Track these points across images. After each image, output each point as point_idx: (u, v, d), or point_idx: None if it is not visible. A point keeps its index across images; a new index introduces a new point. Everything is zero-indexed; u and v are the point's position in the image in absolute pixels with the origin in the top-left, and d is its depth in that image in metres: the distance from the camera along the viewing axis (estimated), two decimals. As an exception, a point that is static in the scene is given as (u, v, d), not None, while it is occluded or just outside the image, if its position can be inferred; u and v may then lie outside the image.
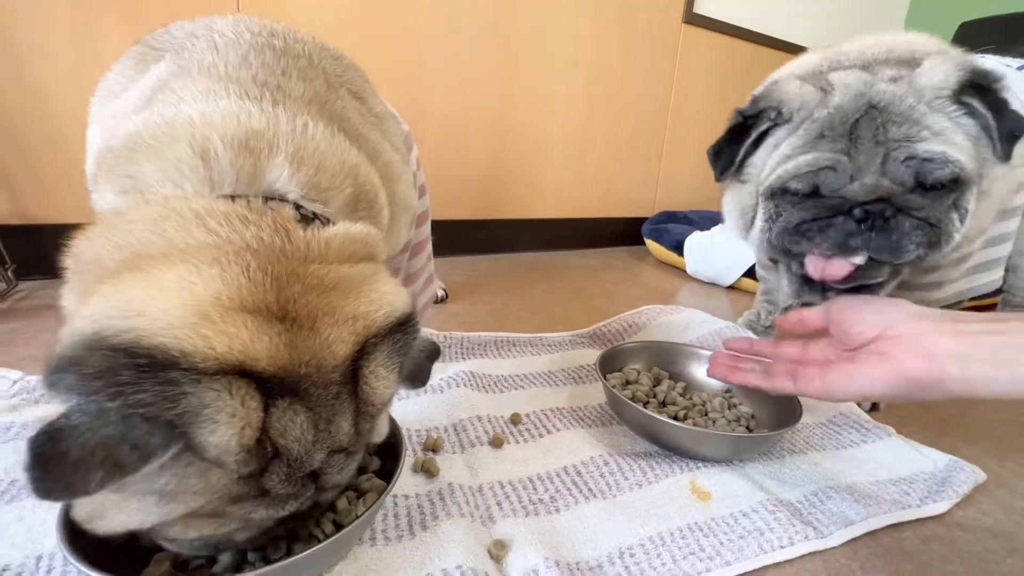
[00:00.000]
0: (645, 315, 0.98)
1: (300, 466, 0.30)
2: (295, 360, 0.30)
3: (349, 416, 0.32)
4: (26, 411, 0.58)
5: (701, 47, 1.85)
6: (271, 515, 0.31)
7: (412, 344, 0.36)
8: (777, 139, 0.54)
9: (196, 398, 0.26)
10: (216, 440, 0.26)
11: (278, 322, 0.30)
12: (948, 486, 0.57)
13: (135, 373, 0.25)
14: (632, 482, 0.54)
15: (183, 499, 0.28)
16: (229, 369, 0.27)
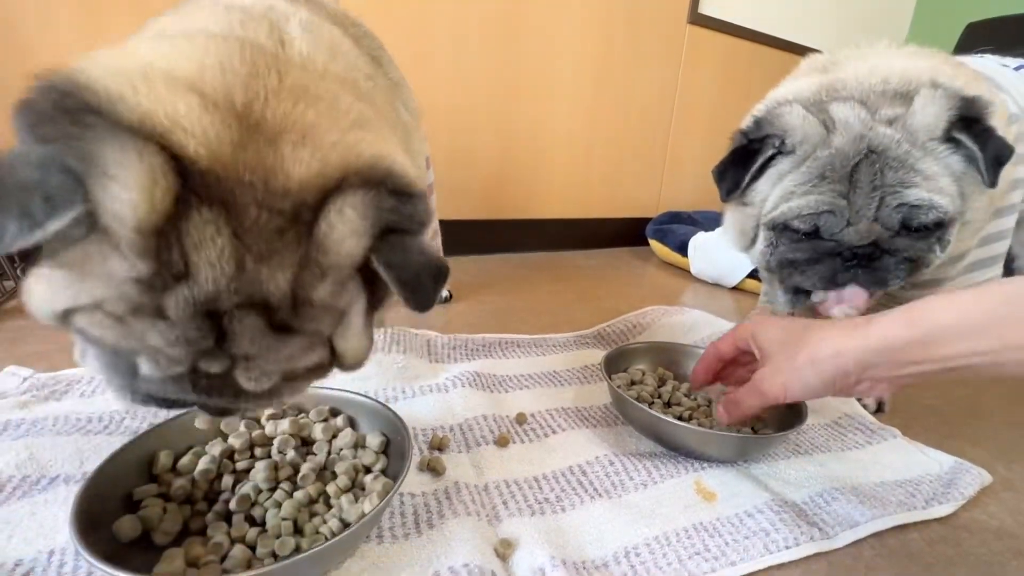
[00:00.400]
0: (649, 316, 0.99)
1: (205, 298, 0.26)
2: (237, 162, 0.26)
3: (289, 267, 0.27)
4: (36, 408, 0.58)
5: (706, 47, 1.84)
6: (166, 347, 0.27)
7: (406, 219, 0.30)
8: (780, 171, 0.56)
9: (103, 146, 0.23)
10: (111, 202, 0.23)
11: (234, 118, 0.27)
12: (954, 488, 0.57)
13: (57, 110, 0.24)
14: (637, 482, 0.55)
15: (88, 284, 0.26)
16: (149, 133, 0.24)
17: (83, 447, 0.51)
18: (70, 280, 0.26)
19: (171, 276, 0.25)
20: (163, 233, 0.25)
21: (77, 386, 0.64)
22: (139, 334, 0.27)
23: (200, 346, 0.27)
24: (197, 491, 0.44)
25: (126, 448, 0.44)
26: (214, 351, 0.28)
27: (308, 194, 0.28)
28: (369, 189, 0.29)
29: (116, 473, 0.42)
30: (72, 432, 0.54)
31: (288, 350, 0.29)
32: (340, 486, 0.46)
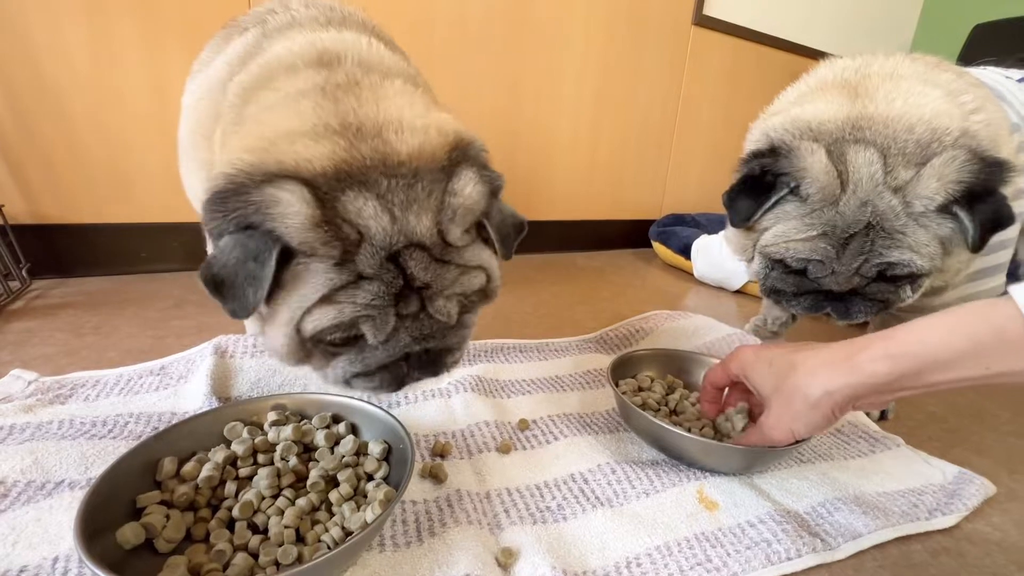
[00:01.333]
0: (652, 320, 0.98)
1: (381, 245, 0.37)
2: (355, 157, 0.37)
3: (429, 212, 0.39)
4: (41, 412, 0.58)
5: (711, 49, 1.84)
6: (375, 298, 0.38)
7: (497, 184, 0.43)
8: (787, 211, 0.58)
9: (262, 196, 0.35)
10: (289, 222, 0.34)
11: (336, 135, 0.38)
12: (957, 499, 0.57)
13: (228, 199, 0.36)
14: (639, 490, 0.55)
15: (303, 291, 0.37)
16: (284, 175, 0.36)
17: (88, 452, 0.51)
18: (289, 300, 0.38)
19: (354, 244, 0.36)
20: (328, 222, 0.36)
21: (82, 390, 0.64)
22: (352, 300, 0.37)
23: (395, 286, 0.38)
24: (200, 498, 0.45)
25: (130, 454, 0.44)
26: (404, 291, 0.39)
27: (419, 160, 0.39)
28: (474, 161, 0.42)
29: (120, 480, 0.42)
30: (77, 436, 0.54)
31: (451, 276, 0.41)
32: (342, 494, 0.46)
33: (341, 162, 0.37)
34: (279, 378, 0.67)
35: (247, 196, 0.35)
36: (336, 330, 0.39)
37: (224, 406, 0.53)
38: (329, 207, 0.36)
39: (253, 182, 0.35)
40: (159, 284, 1.09)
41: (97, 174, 1.08)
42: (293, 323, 0.38)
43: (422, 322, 0.41)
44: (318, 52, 0.46)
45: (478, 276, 0.43)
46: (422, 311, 0.41)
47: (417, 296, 0.40)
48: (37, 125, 1.01)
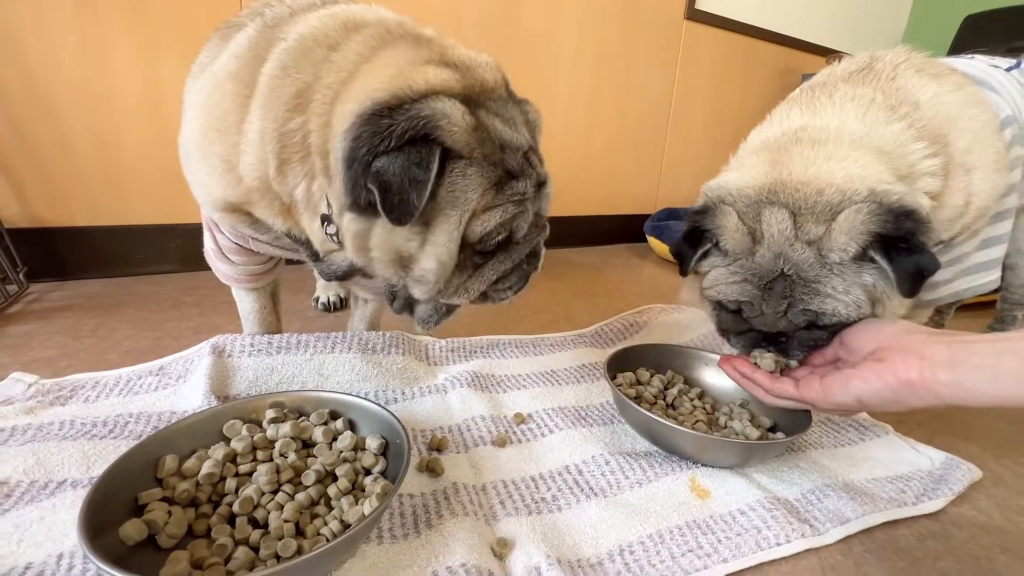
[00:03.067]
0: (646, 314, 0.99)
1: (518, 145, 0.47)
2: (469, 84, 0.46)
3: (524, 124, 0.50)
4: (42, 413, 0.59)
5: (703, 43, 1.84)
6: (524, 192, 0.48)
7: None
8: (714, 261, 0.63)
9: (425, 109, 0.41)
10: (454, 133, 0.42)
11: (448, 67, 0.46)
12: (944, 484, 0.58)
13: (386, 119, 0.41)
14: (632, 480, 0.56)
15: (467, 198, 0.44)
16: (434, 90, 0.43)
17: (89, 451, 0.52)
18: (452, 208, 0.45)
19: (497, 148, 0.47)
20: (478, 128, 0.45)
21: (81, 391, 0.65)
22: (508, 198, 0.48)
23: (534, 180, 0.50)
24: (201, 494, 0.45)
25: (131, 453, 0.45)
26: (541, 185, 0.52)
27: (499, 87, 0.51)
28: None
29: (122, 477, 0.43)
30: (78, 437, 0.55)
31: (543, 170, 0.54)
32: (340, 488, 0.47)
33: (464, 88, 0.45)
34: (276, 376, 0.67)
35: (410, 112, 0.40)
36: (501, 229, 0.47)
37: (223, 405, 0.54)
38: (474, 116, 0.43)
39: (412, 100, 0.41)
40: (156, 286, 1.09)
41: (91, 177, 1.08)
42: (460, 228, 0.45)
43: (540, 216, 0.53)
44: (342, 22, 0.51)
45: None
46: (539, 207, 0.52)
47: (537, 191, 0.50)
48: (30, 129, 1.01)
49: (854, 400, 0.46)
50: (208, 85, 0.56)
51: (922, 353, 0.43)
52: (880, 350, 0.47)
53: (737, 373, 0.60)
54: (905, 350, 0.44)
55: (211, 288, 1.05)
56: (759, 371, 0.58)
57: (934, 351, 0.42)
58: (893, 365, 0.44)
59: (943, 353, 0.41)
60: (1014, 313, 0.99)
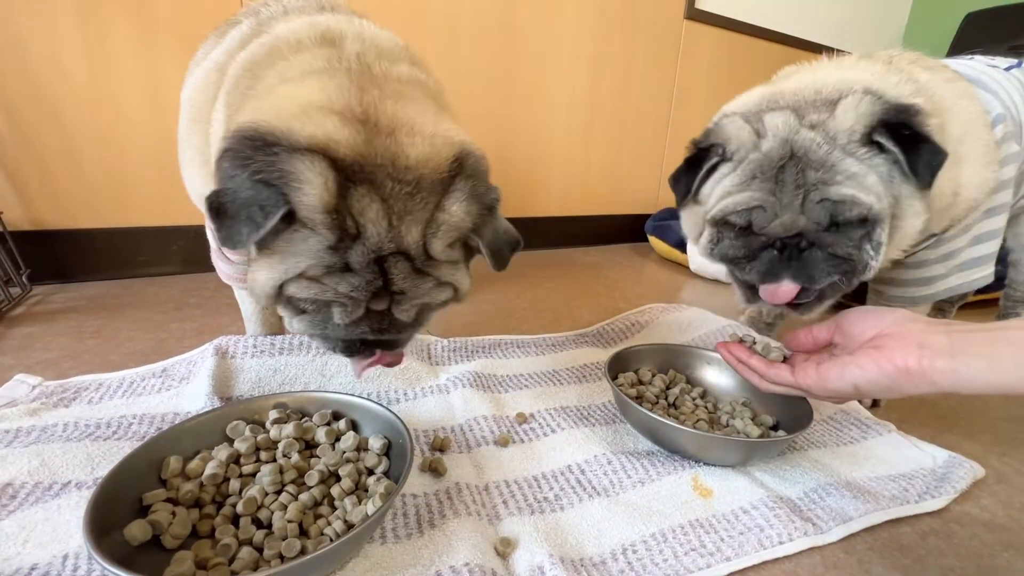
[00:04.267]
0: (648, 314, 0.99)
1: (374, 248, 0.39)
2: (372, 152, 0.39)
3: (419, 224, 0.40)
4: (46, 415, 0.59)
5: (703, 43, 1.84)
6: (354, 291, 0.40)
7: (493, 200, 0.44)
8: (721, 174, 0.62)
9: (290, 166, 0.36)
10: (305, 199, 0.36)
11: (359, 123, 0.40)
12: (947, 482, 0.58)
13: (254, 151, 0.37)
14: (635, 479, 0.56)
15: (294, 259, 0.39)
16: (315, 148, 0.37)
17: (93, 453, 0.52)
18: (280, 260, 0.39)
19: (350, 238, 0.38)
20: (338, 211, 0.37)
21: (85, 393, 0.65)
22: (334, 287, 0.40)
23: (374, 286, 0.40)
24: (205, 495, 0.46)
25: (135, 454, 0.45)
26: (380, 291, 0.41)
27: (423, 169, 0.40)
28: (472, 177, 0.42)
29: (126, 478, 0.43)
30: (82, 438, 0.55)
31: (425, 287, 0.43)
32: (344, 488, 0.47)
33: (358, 154, 0.38)
34: (279, 377, 0.68)
35: (276, 159, 0.36)
36: (311, 304, 0.42)
37: (227, 405, 0.54)
38: (342, 195, 0.37)
39: (285, 148, 0.36)
40: (159, 287, 1.10)
41: (94, 179, 1.08)
42: (277, 280, 0.40)
43: (384, 318, 0.44)
44: (320, 32, 0.49)
45: (446, 291, 0.45)
46: (388, 310, 0.43)
47: (388, 297, 0.42)
48: (34, 132, 1.01)
49: (850, 387, 0.46)
50: (198, 79, 0.58)
51: (921, 341, 0.43)
52: (878, 337, 0.46)
53: (733, 358, 0.59)
54: (903, 338, 0.44)
55: (213, 289, 1.06)
56: (755, 356, 0.57)
57: (933, 339, 0.42)
58: (891, 353, 0.44)
59: (942, 341, 0.41)
60: (1017, 311, 0.99)
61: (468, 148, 0.43)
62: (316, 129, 0.37)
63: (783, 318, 0.99)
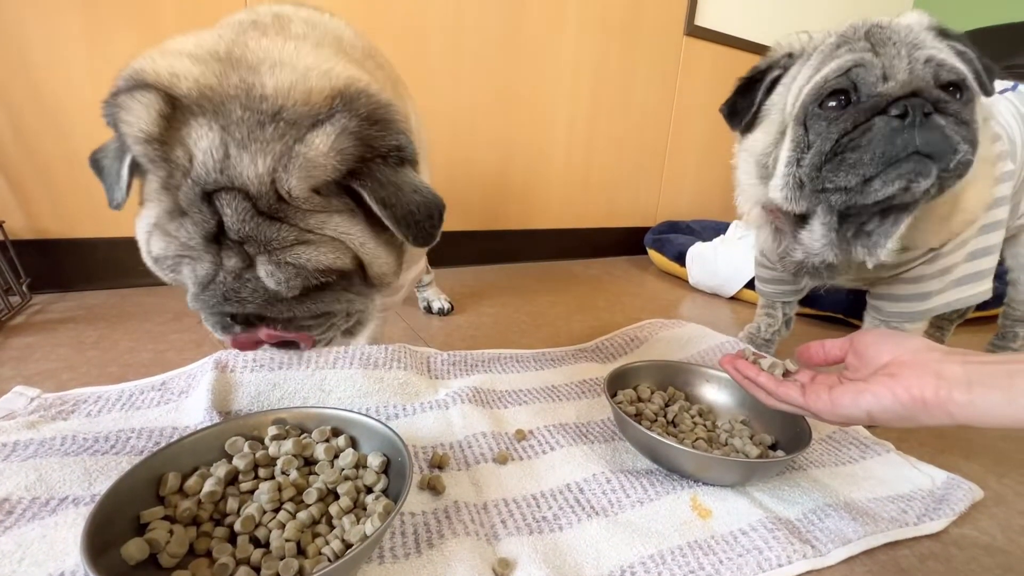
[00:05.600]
0: (647, 329, 1.00)
1: (200, 181, 0.34)
2: (223, 84, 0.36)
3: (267, 156, 0.34)
4: (44, 428, 0.59)
5: (702, 59, 1.87)
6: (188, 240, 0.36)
7: (391, 148, 0.37)
8: (794, 73, 0.56)
9: (125, 101, 0.35)
10: (127, 129, 0.34)
11: (217, 62, 0.37)
12: (946, 504, 0.58)
13: (112, 97, 0.36)
14: (634, 499, 0.56)
15: (149, 210, 0.37)
16: (154, 84, 0.35)
17: (91, 467, 0.52)
18: (144, 213, 0.37)
19: (181, 172, 0.34)
20: (166, 141, 0.34)
21: (84, 405, 0.65)
22: (175, 235, 0.35)
23: (204, 229, 0.35)
24: (203, 512, 0.45)
25: (133, 471, 0.45)
26: (223, 240, 0.36)
27: (286, 99, 0.35)
28: (350, 114, 0.36)
29: (124, 496, 0.43)
30: (80, 452, 0.55)
31: (284, 237, 0.36)
32: (342, 507, 0.47)
33: (206, 87, 0.35)
34: (279, 392, 0.68)
35: (115, 98, 0.35)
36: (167, 263, 0.38)
37: (225, 421, 0.54)
38: (175, 128, 0.34)
39: (125, 87, 0.35)
40: (159, 297, 1.10)
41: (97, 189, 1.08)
42: (142, 236, 0.38)
43: (245, 283, 0.37)
44: (276, 10, 0.47)
45: (329, 250, 0.37)
46: (247, 270, 0.36)
47: (239, 251, 0.36)
48: (37, 141, 1.02)
49: (864, 414, 0.45)
50: None
51: (938, 372, 0.42)
52: (893, 364, 0.46)
53: (739, 375, 0.58)
54: (920, 367, 0.43)
55: (213, 300, 1.06)
56: (763, 374, 0.56)
57: (950, 370, 0.41)
58: (907, 382, 0.43)
59: (959, 372, 0.41)
60: (1015, 330, 0.99)
61: (359, 87, 0.37)
62: (162, 67, 0.35)
63: (781, 335, 1.00)
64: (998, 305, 1.03)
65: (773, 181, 0.59)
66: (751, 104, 0.58)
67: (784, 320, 0.97)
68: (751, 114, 0.58)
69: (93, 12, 1.00)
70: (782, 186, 0.58)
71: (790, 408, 0.53)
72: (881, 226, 0.58)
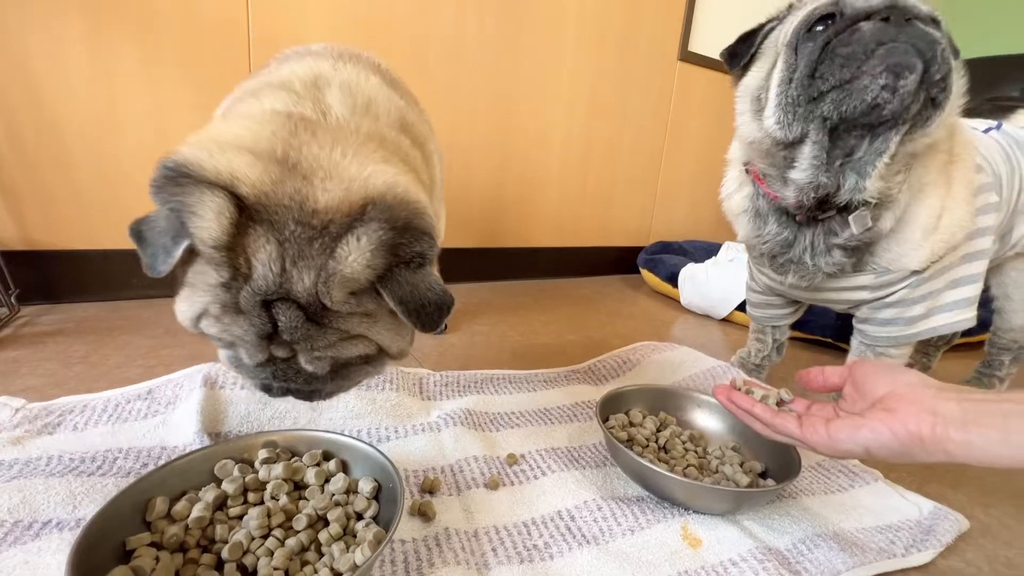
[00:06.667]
0: (639, 352, 1.00)
1: (260, 291, 0.37)
2: (278, 193, 0.37)
3: (312, 270, 0.37)
4: (30, 444, 0.58)
5: (696, 83, 1.90)
6: (244, 335, 0.39)
7: (414, 255, 0.39)
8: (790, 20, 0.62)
9: (191, 198, 0.35)
10: (198, 232, 0.35)
11: (275, 164, 0.38)
12: (932, 535, 0.59)
13: (167, 181, 0.36)
14: (624, 527, 0.56)
15: (199, 294, 0.38)
16: (217, 182, 0.36)
17: (76, 489, 0.51)
18: (192, 293, 0.39)
19: (242, 277, 0.37)
20: (232, 248, 0.36)
21: (70, 416, 0.64)
22: (229, 327, 0.38)
23: (262, 331, 0.38)
24: (190, 538, 0.45)
25: (122, 494, 0.44)
26: (276, 337, 0.39)
27: (335, 214, 0.38)
28: (382, 224, 0.38)
29: (111, 521, 0.43)
30: (65, 473, 0.54)
31: (327, 339, 0.40)
32: (332, 534, 0.46)
33: (262, 194, 0.37)
34: (269, 411, 0.67)
35: (182, 190, 0.36)
36: (220, 341, 0.41)
37: (215, 444, 0.54)
38: (241, 232, 0.36)
39: (191, 180, 0.36)
40: (151, 311, 1.09)
41: (93, 201, 1.08)
42: (189, 314, 0.40)
43: (291, 367, 0.42)
44: (312, 76, 0.49)
45: (360, 343, 0.42)
46: (292, 358, 0.41)
47: (288, 347, 0.40)
48: (33, 152, 1.02)
49: (862, 449, 0.45)
50: None
51: (934, 408, 0.42)
52: (889, 397, 0.46)
53: (733, 406, 0.58)
54: (916, 403, 0.44)
55: (205, 315, 1.05)
56: (759, 404, 0.56)
57: (945, 407, 0.42)
58: (904, 418, 0.43)
59: (954, 410, 0.41)
60: (1001, 358, 1.01)
61: (384, 192, 0.39)
62: (223, 164, 0.37)
63: (771, 360, 1.01)
64: (984, 331, 1.05)
65: (767, 110, 0.63)
66: (750, 47, 0.64)
67: (775, 346, 0.98)
68: (749, 56, 0.63)
69: (95, 24, 1.01)
70: (775, 108, 0.62)
71: (786, 439, 0.53)
72: (870, 146, 0.61)
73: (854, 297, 0.78)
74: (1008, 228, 0.83)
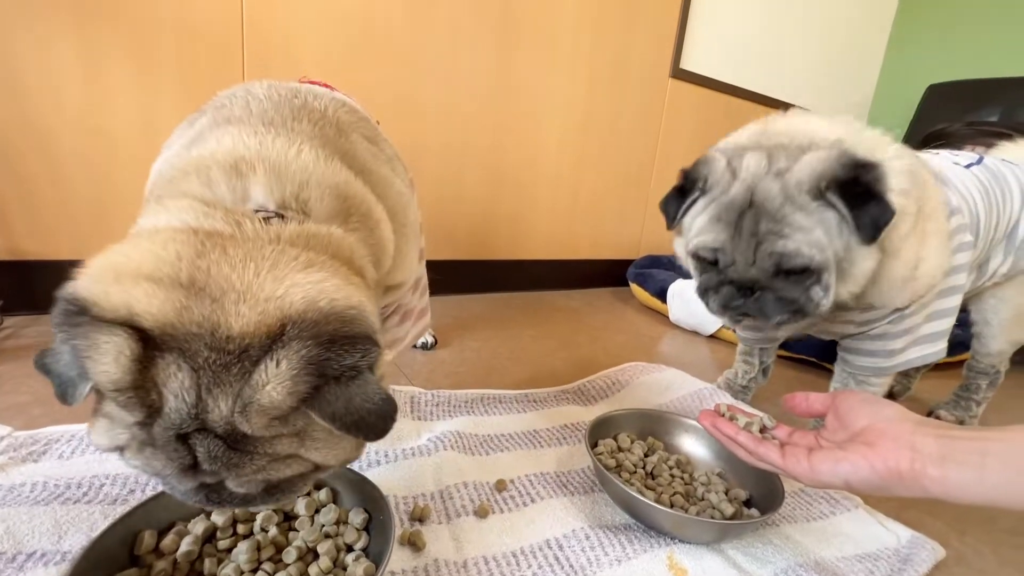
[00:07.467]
0: (628, 372, 1.01)
1: (172, 425, 0.33)
2: (185, 321, 0.34)
3: (230, 397, 0.33)
4: (13, 471, 0.58)
5: (686, 100, 1.93)
6: (164, 470, 0.35)
7: (345, 368, 0.35)
8: (699, 208, 0.70)
9: (85, 340, 0.32)
10: (98, 377, 0.32)
11: (180, 289, 0.35)
12: (910, 564, 0.60)
13: (66, 316, 0.33)
14: (612, 558, 0.56)
15: (118, 429, 0.34)
16: (117, 319, 0.33)
17: (61, 519, 0.51)
18: (110, 427, 0.35)
19: (155, 412, 0.33)
20: (141, 385, 0.32)
21: (56, 445, 0.63)
22: (150, 461, 0.35)
23: (180, 465, 0.34)
24: (179, 574, 0.45)
25: (109, 530, 0.44)
26: (199, 467, 0.35)
27: (251, 338, 0.34)
28: (304, 343, 0.34)
29: (99, 556, 0.42)
30: (51, 501, 0.53)
31: (254, 465, 0.36)
32: (322, 567, 0.47)
33: (167, 325, 0.33)
34: (259, 435, 0.67)
35: (78, 331, 0.32)
36: (145, 473, 0.37)
37: (204, 472, 0.54)
38: (148, 365, 0.33)
39: (87, 317, 0.33)
40: (136, 323, 1.08)
41: (81, 212, 1.07)
42: (111, 447, 0.36)
43: (224, 490, 0.37)
44: (234, 158, 0.44)
45: (293, 463, 0.38)
46: (220, 485, 0.37)
47: (214, 475, 0.36)
48: (22, 161, 1.00)
49: (842, 482, 0.46)
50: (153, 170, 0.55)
51: (912, 444, 0.43)
52: (871, 431, 0.47)
53: (718, 432, 0.59)
54: (897, 439, 0.45)
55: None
56: (742, 432, 0.57)
57: (923, 443, 0.43)
58: (884, 453, 0.44)
59: (932, 446, 0.42)
60: (978, 382, 1.04)
61: (304, 309, 0.36)
62: (119, 300, 0.33)
63: (757, 382, 1.02)
64: (965, 351, 1.07)
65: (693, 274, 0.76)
66: (674, 215, 0.73)
67: (761, 368, 1.00)
68: (675, 223, 0.74)
69: (90, 38, 1.00)
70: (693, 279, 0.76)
71: (768, 467, 0.54)
72: None
73: (841, 330, 0.81)
74: (985, 259, 0.86)
